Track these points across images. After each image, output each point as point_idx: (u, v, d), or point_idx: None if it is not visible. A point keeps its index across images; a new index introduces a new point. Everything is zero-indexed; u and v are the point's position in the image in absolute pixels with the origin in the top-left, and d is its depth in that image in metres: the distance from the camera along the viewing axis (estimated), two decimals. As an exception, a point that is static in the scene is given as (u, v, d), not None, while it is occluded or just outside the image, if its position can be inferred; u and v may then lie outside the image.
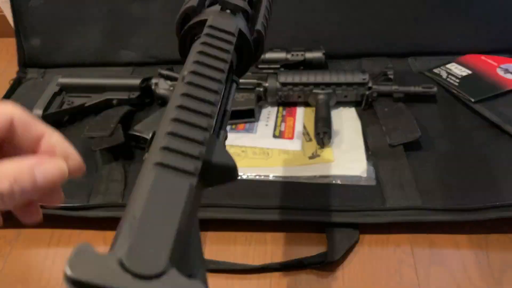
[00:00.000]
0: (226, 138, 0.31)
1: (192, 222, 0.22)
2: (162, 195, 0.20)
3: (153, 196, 0.20)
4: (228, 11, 0.33)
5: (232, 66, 0.31)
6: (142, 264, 0.18)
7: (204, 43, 0.29)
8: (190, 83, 0.26)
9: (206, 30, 0.30)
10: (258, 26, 0.36)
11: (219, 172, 0.24)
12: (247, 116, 0.84)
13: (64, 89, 0.89)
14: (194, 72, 0.27)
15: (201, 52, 0.28)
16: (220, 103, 0.29)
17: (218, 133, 0.28)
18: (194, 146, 0.22)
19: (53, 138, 0.28)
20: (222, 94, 0.29)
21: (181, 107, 0.24)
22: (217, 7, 0.34)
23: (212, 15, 0.32)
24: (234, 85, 0.32)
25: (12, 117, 0.26)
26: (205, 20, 0.32)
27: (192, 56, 0.29)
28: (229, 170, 0.25)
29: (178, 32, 0.35)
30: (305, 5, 0.94)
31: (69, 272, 0.17)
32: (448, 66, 0.91)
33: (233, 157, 0.25)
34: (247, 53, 0.34)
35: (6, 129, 0.26)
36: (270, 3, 0.41)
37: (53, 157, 0.26)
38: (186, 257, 0.21)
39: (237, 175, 0.25)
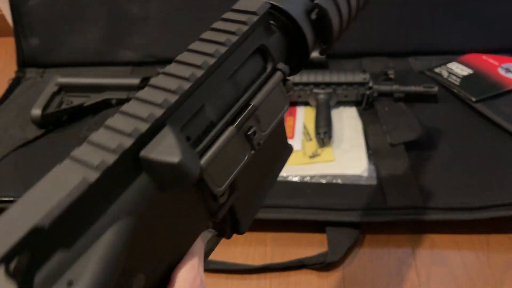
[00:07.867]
0: (257, 140, 0.26)
1: (94, 221, 0.19)
2: (48, 186, 0.18)
3: (39, 185, 0.18)
4: None
5: (267, 51, 0.26)
6: None
7: (211, 28, 0.26)
8: (163, 73, 0.23)
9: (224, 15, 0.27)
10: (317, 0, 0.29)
11: (160, 170, 0.20)
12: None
13: (63, 88, 0.89)
14: (162, 74, 0.24)
15: (200, 39, 0.25)
16: (242, 93, 0.25)
17: (209, 126, 0.24)
18: (116, 138, 0.19)
19: None
20: (239, 85, 0.25)
21: (135, 98, 0.22)
22: None
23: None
24: (279, 74, 0.27)
25: None
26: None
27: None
28: (170, 168, 0.20)
29: None
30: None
31: None
32: (449, 65, 0.91)
33: (187, 154, 0.20)
34: (299, 37, 0.29)
35: None
36: None
37: None
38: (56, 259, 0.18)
39: (183, 174, 0.20)
